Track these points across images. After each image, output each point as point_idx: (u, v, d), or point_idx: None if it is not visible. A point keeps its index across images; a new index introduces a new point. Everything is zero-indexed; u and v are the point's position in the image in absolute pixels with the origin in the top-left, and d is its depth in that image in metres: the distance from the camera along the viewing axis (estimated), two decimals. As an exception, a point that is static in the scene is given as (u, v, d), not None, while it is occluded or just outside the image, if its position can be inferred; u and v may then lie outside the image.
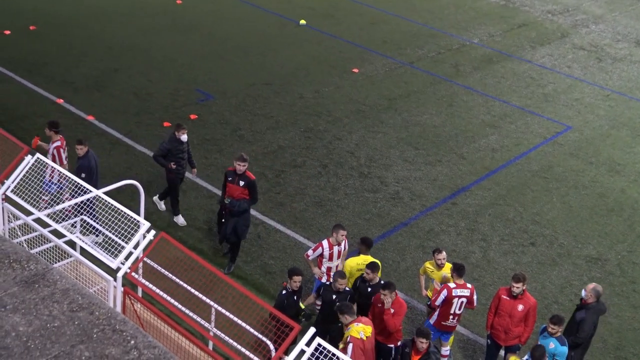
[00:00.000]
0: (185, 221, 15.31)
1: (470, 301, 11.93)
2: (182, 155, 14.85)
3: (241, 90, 21.10)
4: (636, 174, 19.30)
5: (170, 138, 14.84)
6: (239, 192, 13.63)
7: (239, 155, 13.71)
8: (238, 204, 13.57)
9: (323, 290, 11.81)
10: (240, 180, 13.61)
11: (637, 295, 14.86)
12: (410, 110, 21.13)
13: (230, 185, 13.67)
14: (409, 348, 10.72)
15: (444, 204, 17.05)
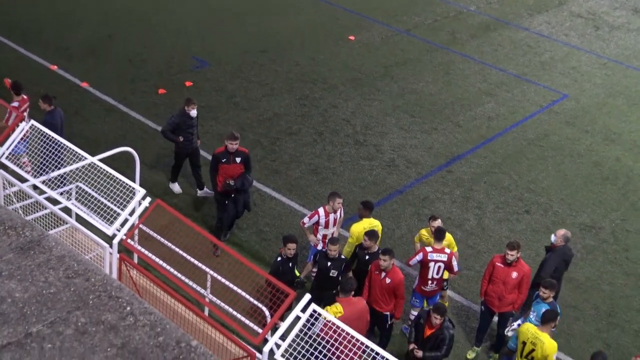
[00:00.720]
0: (181, 189, 15.29)
1: (449, 267, 11.96)
2: (191, 130, 14.61)
3: (237, 57, 20.99)
4: (631, 143, 19.32)
5: (180, 112, 14.60)
6: (237, 169, 13.34)
7: (230, 134, 13.39)
8: (248, 181, 13.42)
9: (318, 257, 11.89)
10: (235, 158, 13.30)
11: (630, 263, 14.97)
12: (407, 78, 21.06)
13: (227, 166, 13.26)
14: (423, 319, 10.78)
15: (440, 171, 17.08)
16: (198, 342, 4.29)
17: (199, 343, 4.29)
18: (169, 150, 16.54)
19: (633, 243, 15.55)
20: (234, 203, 13.48)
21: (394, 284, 11.41)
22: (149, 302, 9.26)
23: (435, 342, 10.62)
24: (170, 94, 18.76)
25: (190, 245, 10.96)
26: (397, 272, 11.50)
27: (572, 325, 13.08)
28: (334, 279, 11.69)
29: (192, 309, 9.27)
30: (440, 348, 10.61)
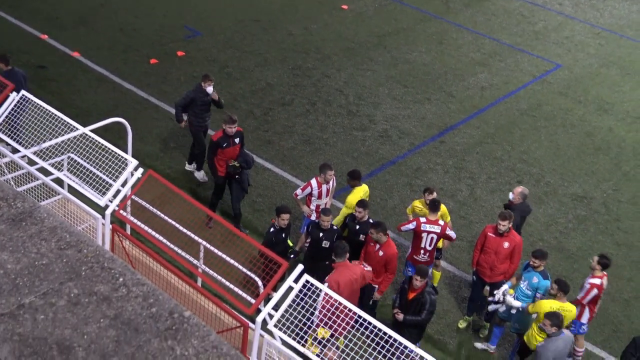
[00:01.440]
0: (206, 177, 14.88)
1: (446, 237, 12.03)
2: (205, 107, 14.39)
3: (229, 27, 20.84)
4: (624, 113, 19.34)
5: (196, 88, 14.38)
6: (237, 150, 13.21)
7: (229, 118, 13.10)
8: (250, 157, 13.29)
9: (311, 228, 11.91)
10: (234, 139, 13.13)
11: (621, 233, 15.06)
12: (400, 48, 20.96)
13: (228, 150, 13.04)
14: (407, 284, 10.83)
15: (432, 142, 17.08)
16: (191, 313, 4.31)
17: (192, 314, 4.31)
18: (161, 120, 16.49)
19: (624, 213, 15.63)
20: (238, 183, 13.36)
21: (386, 257, 11.43)
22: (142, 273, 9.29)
23: (417, 306, 10.68)
24: (163, 63, 18.65)
25: (183, 216, 10.96)
26: (390, 246, 11.49)
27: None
28: (326, 249, 11.72)
29: (185, 279, 9.30)
30: (421, 312, 10.67)
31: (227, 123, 13.04)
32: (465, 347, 12.20)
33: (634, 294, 13.57)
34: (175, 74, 18.26)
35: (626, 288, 13.70)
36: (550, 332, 10.03)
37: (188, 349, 4.04)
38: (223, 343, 4.03)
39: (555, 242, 14.54)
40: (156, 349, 4.07)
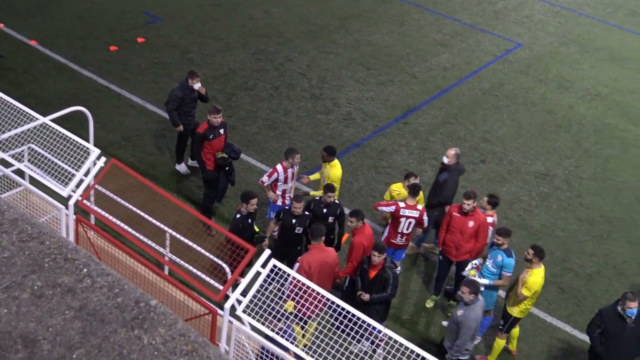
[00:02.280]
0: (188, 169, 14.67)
1: (420, 222, 12.10)
2: (193, 104, 14.02)
3: (189, 12, 20.63)
4: (584, 91, 19.59)
5: (182, 85, 13.94)
6: (223, 141, 12.99)
7: (213, 108, 12.77)
8: (236, 147, 13.15)
9: (282, 214, 11.86)
10: (219, 130, 12.88)
11: (583, 209, 15.30)
12: (362, 30, 20.96)
13: (215, 142, 12.79)
14: (366, 264, 10.87)
15: (396, 123, 17.14)
16: (157, 302, 4.29)
17: (159, 302, 4.29)
18: (123, 108, 16.31)
19: (586, 189, 15.88)
20: (226, 175, 13.24)
21: (352, 243, 11.44)
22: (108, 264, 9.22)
23: (381, 284, 10.71)
24: (123, 50, 18.41)
25: (148, 204, 10.87)
26: (360, 234, 11.48)
27: (528, 271, 13.35)
28: (299, 235, 11.73)
29: (151, 268, 9.24)
30: (385, 289, 10.72)
31: (212, 113, 12.72)
32: (433, 326, 12.32)
33: (596, 269, 13.82)
34: (136, 61, 18.05)
35: (589, 263, 13.94)
36: (469, 300, 10.12)
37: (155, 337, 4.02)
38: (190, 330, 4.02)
39: (519, 219, 14.72)
40: (123, 339, 4.05)
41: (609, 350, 10.48)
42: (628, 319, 10.30)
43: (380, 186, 15.02)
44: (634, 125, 18.45)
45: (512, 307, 11.19)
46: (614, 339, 10.42)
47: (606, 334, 10.48)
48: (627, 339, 10.38)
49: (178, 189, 14.15)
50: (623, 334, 10.35)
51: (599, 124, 18.26)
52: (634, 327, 10.36)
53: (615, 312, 10.40)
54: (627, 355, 10.56)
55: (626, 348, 10.44)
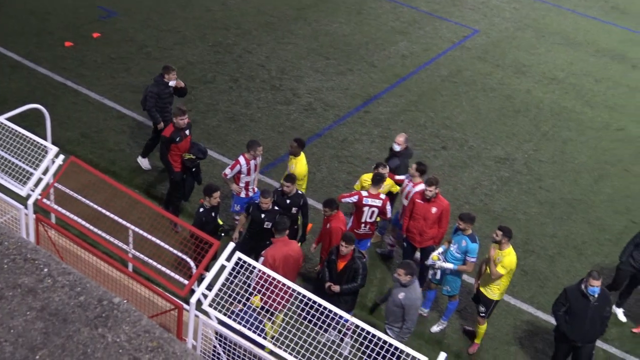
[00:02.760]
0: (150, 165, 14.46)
1: (383, 212, 12.14)
2: (169, 99, 13.82)
3: (145, 6, 20.41)
4: (541, 75, 19.84)
5: (157, 81, 13.68)
6: (188, 141, 12.83)
7: (179, 110, 12.53)
8: (203, 148, 13.03)
9: (252, 209, 11.82)
10: (185, 131, 12.70)
11: (543, 192, 15.51)
12: (320, 20, 20.95)
13: (182, 144, 12.62)
14: (334, 255, 10.84)
15: (357, 112, 17.18)
16: (121, 299, 4.25)
17: (122, 299, 4.26)
18: (80, 105, 16.10)
19: (545, 172, 16.10)
20: (192, 175, 13.10)
21: (330, 230, 11.45)
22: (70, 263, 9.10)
23: (350, 274, 10.72)
24: (78, 46, 18.15)
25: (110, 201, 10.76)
26: (337, 220, 11.49)
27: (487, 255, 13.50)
28: (268, 230, 11.69)
29: (115, 265, 9.16)
30: (356, 279, 10.72)
31: (178, 115, 12.49)
32: (400, 313, 12.40)
33: (557, 250, 14.03)
34: (92, 57, 17.81)
35: (550, 245, 14.14)
36: (406, 282, 10.15)
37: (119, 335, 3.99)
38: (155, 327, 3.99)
39: (481, 204, 14.88)
40: (87, 337, 4.01)
41: (572, 328, 10.67)
42: (591, 297, 10.49)
43: (342, 175, 15.06)
44: (590, 107, 18.74)
45: (492, 292, 11.30)
46: (578, 317, 10.61)
47: (570, 312, 10.66)
48: (590, 317, 10.57)
49: (139, 185, 14.03)
50: (586, 312, 10.54)
51: (556, 108, 18.51)
52: (597, 306, 10.55)
53: (579, 291, 10.58)
54: (590, 333, 10.76)
55: (589, 326, 10.64)
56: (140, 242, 10.63)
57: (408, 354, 7.04)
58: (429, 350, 11.23)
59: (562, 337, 10.92)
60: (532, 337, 12.24)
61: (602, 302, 10.58)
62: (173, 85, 13.69)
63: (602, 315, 10.66)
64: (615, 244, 14.11)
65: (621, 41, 22.43)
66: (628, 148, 17.38)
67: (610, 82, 20.06)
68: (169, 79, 13.65)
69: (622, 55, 21.52)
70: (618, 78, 20.30)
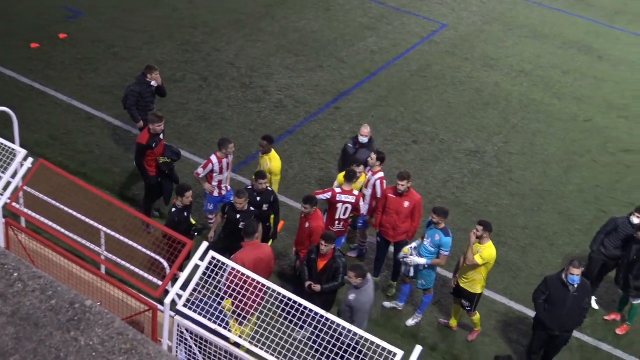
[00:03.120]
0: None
1: (356, 208, 12.15)
2: (152, 98, 13.71)
3: (111, 5, 20.22)
4: (509, 68, 20.00)
5: (139, 80, 13.59)
6: (162, 145, 12.74)
7: (155, 117, 12.45)
8: (177, 150, 12.98)
9: (227, 209, 11.77)
10: (159, 136, 12.61)
11: (514, 184, 15.65)
12: (288, 17, 20.92)
13: (157, 149, 12.54)
14: (314, 254, 10.77)
15: (328, 109, 17.20)
16: (93, 302, 4.22)
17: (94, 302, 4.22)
18: (48, 107, 15.92)
19: (515, 164, 16.24)
20: (169, 178, 12.98)
21: (311, 228, 11.43)
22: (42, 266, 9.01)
23: (331, 273, 10.68)
24: (45, 47, 17.94)
25: (80, 203, 10.66)
26: (317, 218, 11.51)
27: (464, 248, 13.59)
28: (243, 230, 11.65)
29: (87, 268, 9.07)
30: (336, 278, 10.69)
31: (155, 122, 12.38)
32: (375, 308, 12.43)
33: (529, 241, 14.17)
34: (59, 58, 17.62)
35: (522, 236, 14.28)
36: (357, 284, 10.05)
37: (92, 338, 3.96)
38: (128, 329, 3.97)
39: (453, 197, 14.97)
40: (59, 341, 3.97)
41: (551, 317, 10.79)
42: (570, 286, 10.60)
43: (315, 172, 15.07)
44: (558, 99, 18.94)
45: (473, 287, 11.39)
46: (557, 305, 10.72)
47: (550, 300, 10.78)
48: (569, 306, 10.68)
49: (110, 187, 13.91)
50: (566, 301, 10.66)
51: (525, 100, 18.68)
52: (576, 296, 10.67)
53: (559, 280, 10.70)
54: (568, 322, 10.88)
55: (568, 315, 10.75)
56: (112, 244, 10.56)
57: (384, 348, 7.07)
58: (405, 344, 11.24)
59: (540, 325, 11.03)
60: (506, 328, 12.35)
61: (582, 293, 10.70)
62: (155, 84, 13.63)
63: (581, 306, 10.78)
64: (586, 234, 14.28)
65: (587, 33, 22.69)
66: (596, 139, 17.59)
67: (577, 73, 20.28)
68: (151, 79, 13.60)
69: (588, 47, 21.77)
70: (585, 69, 20.53)
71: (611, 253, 12.40)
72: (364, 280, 10.11)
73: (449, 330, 12.16)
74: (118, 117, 15.76)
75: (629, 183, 16.19)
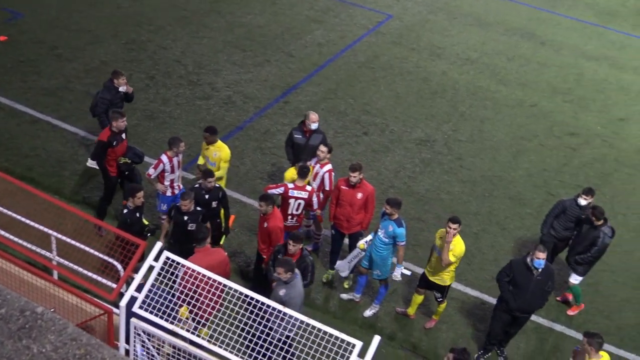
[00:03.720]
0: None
1: (309, 204, 12.13)
2: (121, 104, 13.53)
3: (53, 5, 19.84)
4: (455, 56, 20.21)
5: (107, 87, 13.40)
6: (125, 145, 12.65)
7: (117, 114, 12.34)
8: (139, 150, 12.83)
9: (173, 212, 11.61)
10: (121, 135, 12.49)
11: (465, 171, 15.83)
12: (234, 12, 20.79)
13: (118, 148, 12.41)
14: (281, 254, 10.64)
15: (277, 103, 17.16)
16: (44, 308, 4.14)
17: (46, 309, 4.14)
18: (-9, 111, 15.57)
19: (465, 151, 16.43)
20: (130, 180, 12.81)
21: (269, 228, 11.34)
22: (-10, 274, 8.80)
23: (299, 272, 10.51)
24: (-16, 51, 17.53)
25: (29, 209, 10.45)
26: (275, 218, 11.39)
27: (418, 236, 13.74)
28: (192, 232, 11.49)
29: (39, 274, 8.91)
30: (305, 277, 10.59)
31: (118, 119, 12.26)
32: (332, 300, 12.49)
33: (481, 227, 14.36)
34: (1, 61, 17.22)
35: (474, 222, 14.46)
36: (287, 279, 9.96)
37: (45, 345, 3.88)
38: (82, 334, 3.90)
39: (405, 187, 15.09)
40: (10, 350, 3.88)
41: (515, 298, 10.98)
42: (535, 270, 10.79)
43: (267, 167, 15.03)
44: (504, 85, 19.21)
45: (444, 279, 11.56)
46: (521, 288, 10.92)
47: (514, 283, 10.98)
48: (532, 289, 10.89)
49: (59, 190, 13.66)
50: (529, 284, 10.87)
51: (472, 87, 18.90)
52: (539, 280, 10.86)
53: (524, 263, 10.90)
54: (530, 304, 11.10)
55: (531, 298, 10.97)
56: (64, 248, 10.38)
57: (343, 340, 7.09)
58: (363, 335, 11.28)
59: (503, 306, 11.20)
60: (463, 314, 12.51)
61: (544, 277, 10.90)
62: (124, 90, 13.53)
63: (544, 289, 11.00)
64: (536, 217, 14.54)
65: (529, 19, 23.05)
66: (542, 123, 17.90)
67: (521, 59, 20.60)
68: (119, 84, 13.50)
69: (531, 33, 22.11)
70: (529, 55, 20.86)
71: (561, 234, 12.66)
72: (293, 274, 10.02)
73: (406, 319, 12.27)
74: (63, 119, 15.49)
75: (576, 165, 16.53)
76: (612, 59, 21.34)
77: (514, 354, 11.93)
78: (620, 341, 12.38)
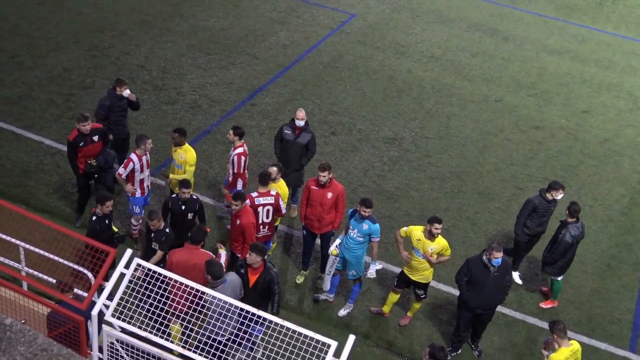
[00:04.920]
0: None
1: (277, 208, 12.00)
2: (123, 112, 13.50)
3: (12, 13, 19.55)
4: (419, 54, 20.31)
5: (109, 94, 13.37)
6: (97, 148, 12.65)
7: (80, 117, 12.43)
8: (111, 156, 12.75)
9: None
10: (92, 137, 12.52)
11: (433, 167, 15.92)
12: (197, 15, 20.68)
13: (86, 149, 12.46)
14: (244, 269, 10.34)
15: (243, 106, 17.10)
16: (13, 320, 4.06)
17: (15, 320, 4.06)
18: (-48, 122, 15.28)
19: (433, 148, 16.52)
20: (99, 183, 12.77)
21: (242, 225, 11.27)
22: (-43, 288, 8.64)
23: (264, 286, 10.27)
24: (-57, 61, 17.22)
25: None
26: (247, 214, 11.33)
27: (389, 234, 13.75)
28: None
29: (8, 286, 8.77)
30: (272, 289, 10.31)
31: (80, 121, 12.42)
32: (306, 301, 12.47)
33: (452, 223, 14.44)
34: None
35: (444, 218, 14.40)
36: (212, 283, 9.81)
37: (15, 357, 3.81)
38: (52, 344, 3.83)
39: (374, 185, 15.12)
40: (-18, 364, 3.81)
41: (474, 296, 11.06)
42: (492, 267, 10.87)
43: (235, 170, 14.95)
44: (468, 81, 19.35)
45: (425, 277, 11.64)
46: (479, 286, 11.00)
47: (472, 281, 11.04)
48: (490, 286, 10.97)
49: (25, 200, 13.47)
50: (486, 281, 10.94)
51: (437, 84, 19.01)
52: (497, 276, 10.95)
53: (480, 262, 10.96)
54: (490, 300, 11.18)
55: (489, 295, 11.05)
56: (33, 258, 10.23)
57: (318, 340, 7.08)
58: (338, 335, 11.35)
59: (464, 305, 11.29)
60: (436, 310, 12.57)
61: (501, 272, 10.99)
62: (127, 95, 13.47)
63: (502, 284, 11.10)
64: (505, 211, 14.67)
65: (491, 15, 23.26)
66: (507, 118, 18.06)
67: (485, 55, 20.78)
68: (121, 91, 13.42)
69: (493, 29, 22.32)
70: (492, 51, 21.04)
71: (534, 231, 12.81)
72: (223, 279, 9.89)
73: (381, 318, 12.29)
74: (28, 128, 15.28)
75: (542, 159, 16.71)
76: (574, 52, 21.63)
77: (488, 347, 12.02)
78: (592, 331, 12.54)
